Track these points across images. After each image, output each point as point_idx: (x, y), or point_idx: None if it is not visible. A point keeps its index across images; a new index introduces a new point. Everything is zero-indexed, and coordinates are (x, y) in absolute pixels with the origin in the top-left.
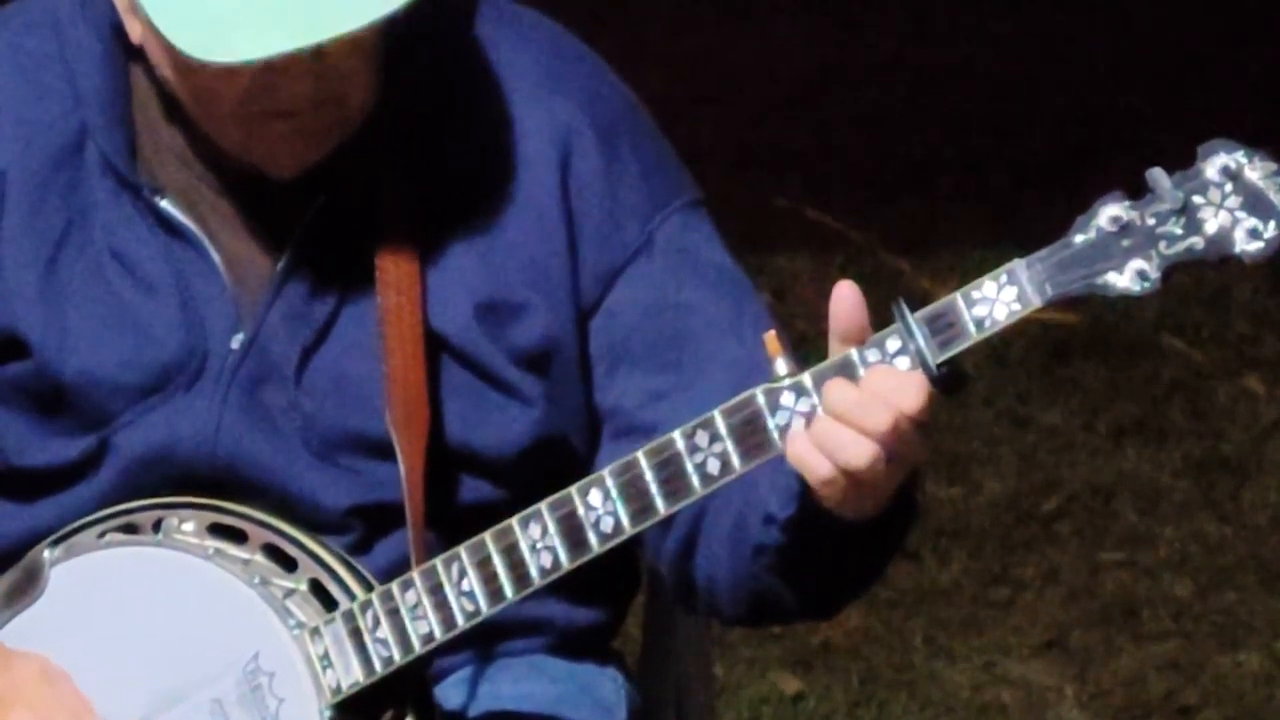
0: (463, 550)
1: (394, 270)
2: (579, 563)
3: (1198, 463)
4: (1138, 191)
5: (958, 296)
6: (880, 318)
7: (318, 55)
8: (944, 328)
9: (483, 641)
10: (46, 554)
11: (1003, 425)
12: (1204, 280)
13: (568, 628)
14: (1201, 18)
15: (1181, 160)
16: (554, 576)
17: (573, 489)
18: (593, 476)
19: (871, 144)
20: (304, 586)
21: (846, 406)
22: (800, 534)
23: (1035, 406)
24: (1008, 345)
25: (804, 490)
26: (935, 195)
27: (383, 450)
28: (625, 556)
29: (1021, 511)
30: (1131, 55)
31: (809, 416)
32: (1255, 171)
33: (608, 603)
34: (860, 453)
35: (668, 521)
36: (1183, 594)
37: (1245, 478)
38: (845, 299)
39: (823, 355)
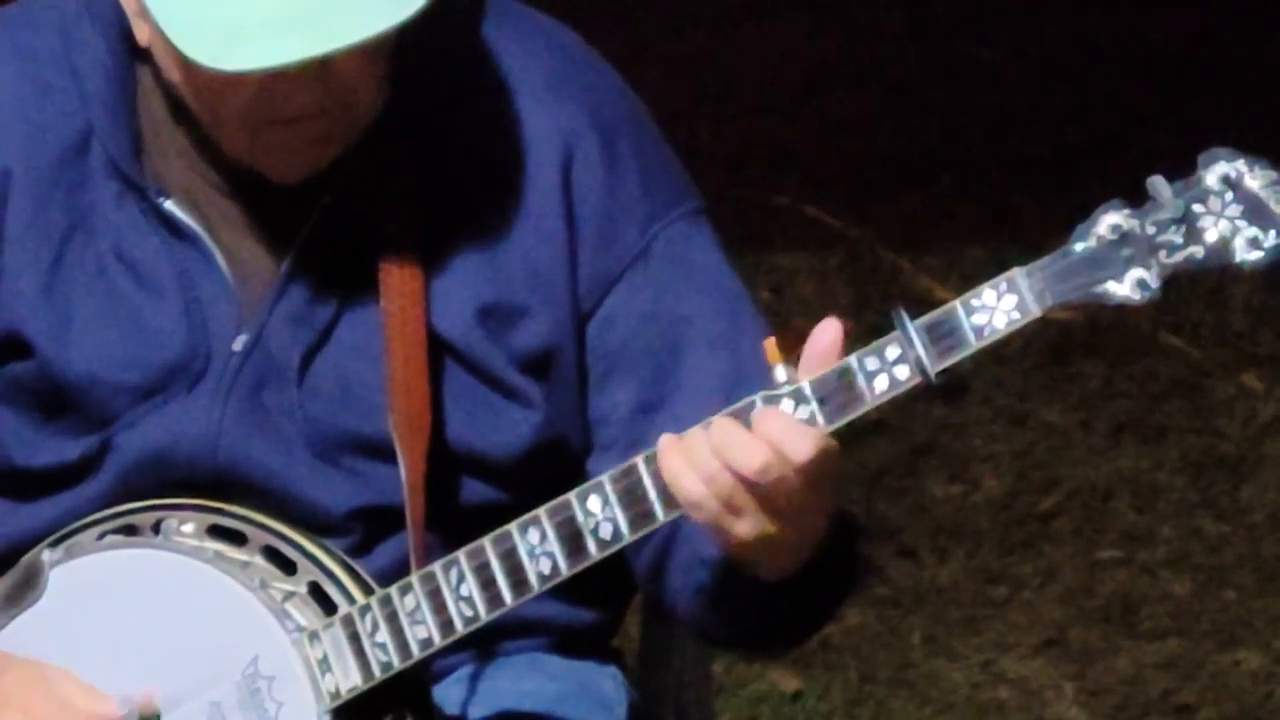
0: (461, 555)
1: (397, 273)
2: (577, 569)
3: (1196, 461)
4: (1135, 191)
5: (957, 304)
6: (879, 316)
7: (325, 63)
8: (943, 335)
9: (483, 640)
10: (46, 555)
11: (1001, 423)
12: (1202, 278)
13: (568, 627)
14: (1201, 18)
15: (1181, 161)
16: (553, 583)
17: (572, 495)
18: (592, 482)
19: (871, 142)
20: (303, 589)
21: (726, 440)
22: (725, 581)
23: (1033, 404)
24: (1006, 343)
25: None
26: (934, 194)
27: (384, 452)
28: (625, 557)
29: (1020, 510)
30: (1131, 55)
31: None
32: (1255, 180)
33: (607, 602)
34: (723, 484)
35: (640, 543)
36: (1181, 592)
37: (1244, 476)
38: (825, 335)
39: None
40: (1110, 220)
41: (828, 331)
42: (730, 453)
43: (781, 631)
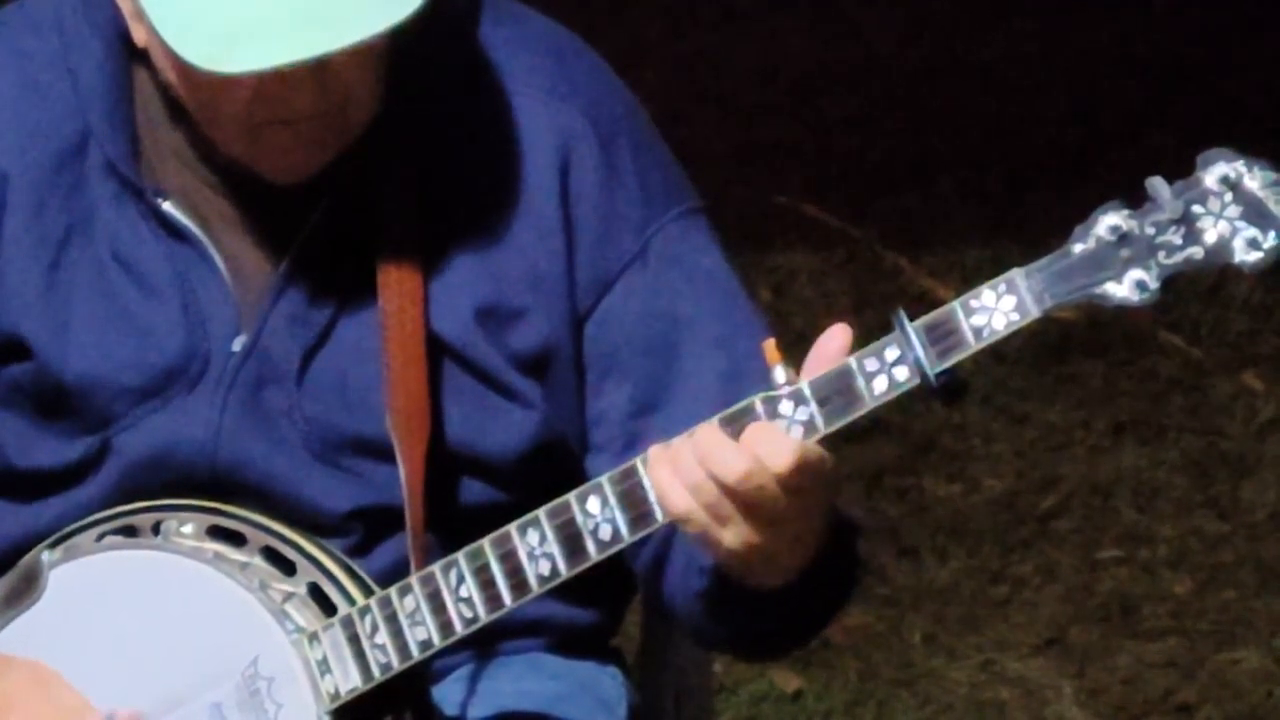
0: (461, 557)
1: (395, 274)
2: (577, 570)
3: (1196, 460)
4: (1136, 192)
5: (956, 305)
6: (879, 316)
7: (322, 65)
8: (943, 336)
9: (483, 640)
10: (45, 556)
11: (1001, 422)
12: (1202, 277)
13: (567, 627)
14: (1200, 18)
15: (1180, 161)
16: (552, 584)
17: (571, 496)
18: (591, 483)
19: (871, 142)
20: (303, 590)
21: (707, 448)
22: (721, 589)
23: (1033, 403)
24: (1006, 342)
25: None
26: (934, 193)
27: (383, 453)
28: (625, 557)
29: (1020, 509)
30: (1131, 55)
31: (807, 426)
32: (1254, 181)
33: (607, 602)
34: (708, 492)
35: (640, 542)
36: (1181, 591)
37: (1244, 474)
38: (833, 341)
39: None
40: (1109, 221)
41: (835, 338)
42: (713, 460)
43: (778, 637)
